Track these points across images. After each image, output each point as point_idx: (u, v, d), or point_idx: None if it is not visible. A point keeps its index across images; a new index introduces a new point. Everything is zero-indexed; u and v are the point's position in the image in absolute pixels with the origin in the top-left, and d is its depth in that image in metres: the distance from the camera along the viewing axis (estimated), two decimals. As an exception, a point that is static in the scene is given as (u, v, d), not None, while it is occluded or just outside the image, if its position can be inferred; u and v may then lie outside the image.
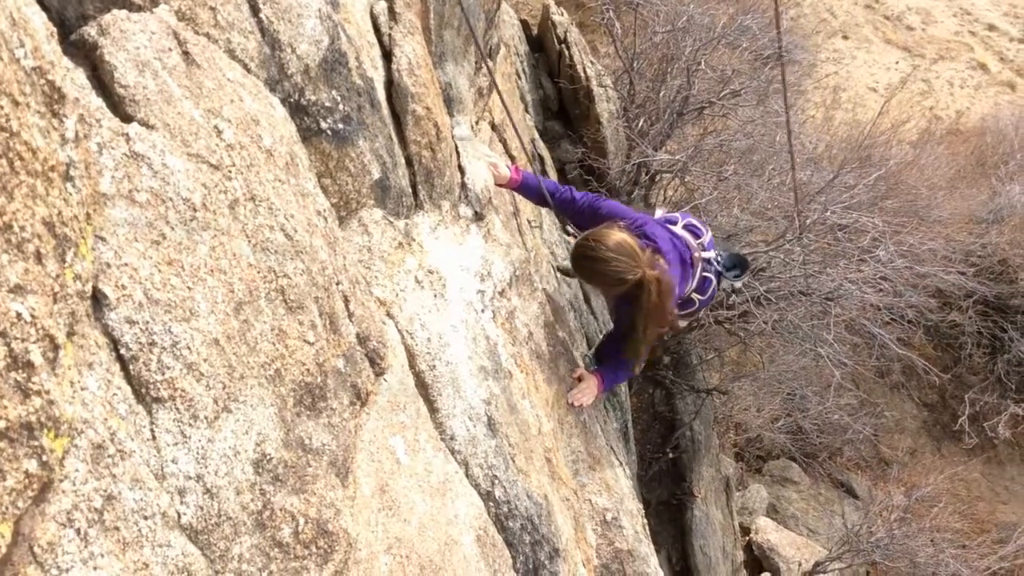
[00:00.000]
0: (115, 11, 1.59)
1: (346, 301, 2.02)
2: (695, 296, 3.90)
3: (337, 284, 1.98)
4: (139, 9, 1.68)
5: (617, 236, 3.31)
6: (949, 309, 12.16)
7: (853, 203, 8.79)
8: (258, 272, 1.57)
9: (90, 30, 1.53)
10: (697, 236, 3.86)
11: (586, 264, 3.37)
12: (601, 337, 4.13)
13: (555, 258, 6.15)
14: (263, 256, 1.61)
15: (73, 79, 1.42)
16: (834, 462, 12.61)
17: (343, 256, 2.15)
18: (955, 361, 13.30)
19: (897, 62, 15.93)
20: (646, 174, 9.44)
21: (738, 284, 4.11)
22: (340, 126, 2.41)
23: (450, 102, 3.78)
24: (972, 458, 13.18)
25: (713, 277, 3.90)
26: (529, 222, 5.47)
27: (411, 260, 2.74)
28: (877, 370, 12.16)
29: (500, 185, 3.87)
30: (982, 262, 11.96)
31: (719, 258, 3.94)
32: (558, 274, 5.38)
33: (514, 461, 2.74)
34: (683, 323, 4.24)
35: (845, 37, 16.16)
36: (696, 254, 3.78)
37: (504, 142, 5.45)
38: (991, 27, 16.69)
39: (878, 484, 12.36)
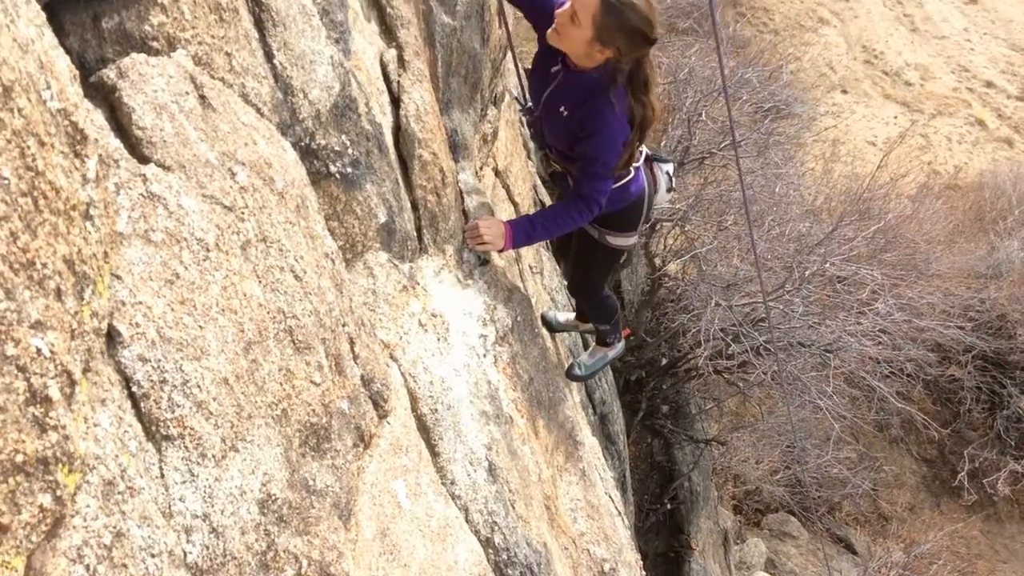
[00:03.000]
0: (134, 55, 1.63)
1: (351, 343, 2.04)
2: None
3: (343, 326, 1.99)
4: (157, 53, 1.71)
5: None
6: (948, 364, 12.15)
7: (852, 255, 8.85)
8: (268, 312, 1.59)
9: (109, 73, 1.56)
10: None
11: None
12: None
13: (555, 304, 6.17)
14: (273, 296, 1.62)
15: (93, 120, 1.45)
16: (833, 516, 12.51)
17: (349, 298, 2.17)
18: (954, 416, 13.26)
19: (896, 117, 16.13)
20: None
21: (668, 168, 3.74)
22: (349, 170, 2.45)
23: (456, 148, 3.83)
24: (971, 515, 13.07)
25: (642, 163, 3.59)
26: (531, 267, 5.50)
27: (415, 304, 2.75)
28: (876, 424, 12.13)
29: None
30: (981, 317, 11.98)
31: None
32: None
33: (514, 507, 2.73)
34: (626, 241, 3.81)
35: (844, 91, 16.39)
36: None
37: (507, 188, 5.50)
38: (989, 84, 16.93)
39: (877, 540, 12.24)
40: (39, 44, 1.13)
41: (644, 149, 3.58)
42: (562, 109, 3.14)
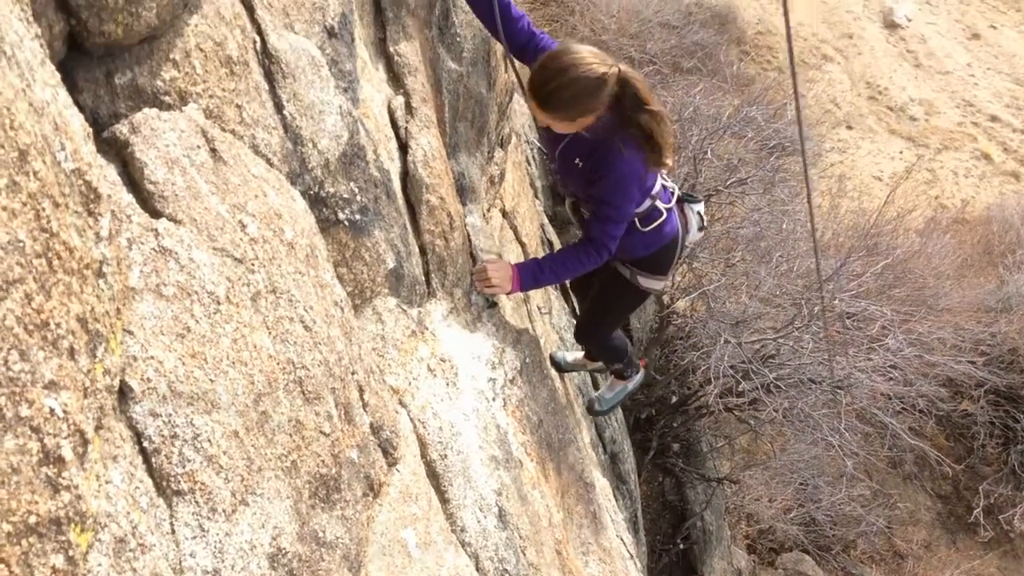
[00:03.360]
0: (146, 110, 1.65)
1: (360, 391, 2.04)
2: (660, 205, 3.45)
3: (352, 374, 2.00)
4: (169, 107, 1.74)
5: (571, 43, 2.90)
6: (960, 399, 12.06)
7: (861, 291, 8.84)
8: (277, 363, 1.59)
9: (122, 128, 1.58)
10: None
11: (549, 80, 2.82)
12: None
13: (564, 344, 6.17)
14: (283, 347, 1.63)
15: (105, 176, 1.47)
16: (848, 555, 12.34)
17: (358, 345, 2.17)
18: (968, 452, 13.13)
19: (901, 152, 16.18)
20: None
21: (699, 208, 3.70)
22: (357, 217, 2.47)
23: (463, 191, 3.86)
24: (988, 552, 12.88)
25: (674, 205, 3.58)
26: (539, 308, 5.50)
27: (424, 348, 2.76)
28: (889, 460, 12.02)
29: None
30: (992, 351, 11.90)
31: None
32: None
33: (525, 554, 2.71)
34: (660, 282, 3.68)
35: (849, 127, 16.47)
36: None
37: (515, 229, 5.52)
38: (994, 118, 17.00)
39: (893, 578, 12.07)
40: (54, 106, 1.15)
41: (676, 190, 3.59)
42: (577, 161, 3.16)
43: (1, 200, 0.93)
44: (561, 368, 4.94)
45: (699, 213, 3.74)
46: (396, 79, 3.11)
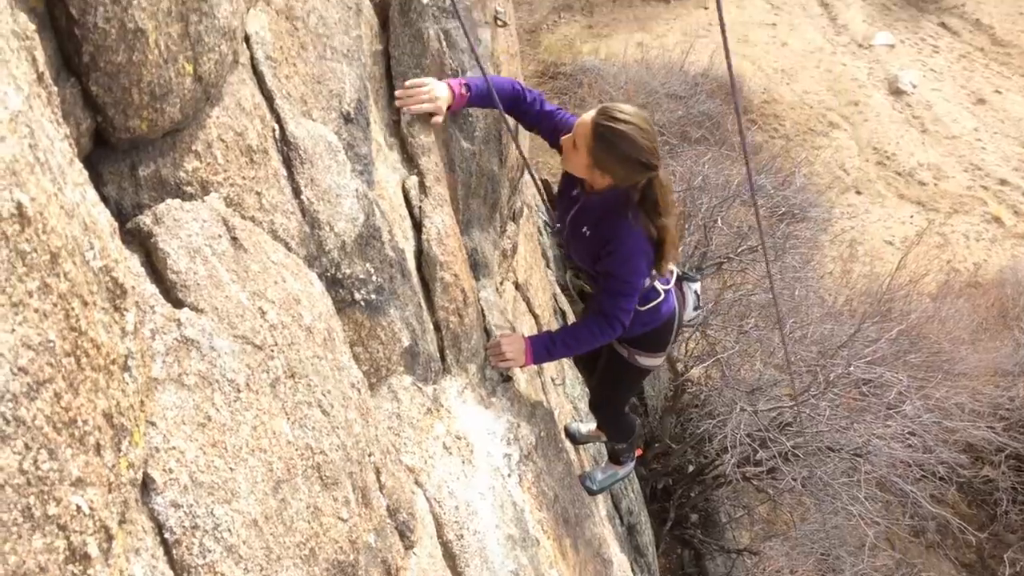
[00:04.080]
0: (169, 200, 1.70)
1: (378, 473, 2.04)
2: (659, 286, 3.52)
3: (369, 456, 2.00)
4: (191, 197, 1.79)
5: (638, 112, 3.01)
6: (981, 464, 11.86)
7: (876, 357, 8.79)
8: (296, 450, 1.61)
9: (145, 219, 1.63)
10: None
11: (612, 128, 2.90)
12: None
13: (578, 413, 6.14)
14: (301, 433, 1.65)
15: (130, 267, 1.51)
16: (873, 627, 12.04)
17: (375, 426, 2.18)
18: (991, 519, 12.86)
19: (912, 216, 16.24)
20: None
21: (696, 287, 3.78)
22: (373, 296, 2.50)
23: (476, 267, 3.90)
24: (1016, 621, 12.54)
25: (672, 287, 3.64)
26: (552, 379, 5.50)
27: (439, 426, 2.76)
28: (911, 529, 11.78)
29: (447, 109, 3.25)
30: (1011, 416, 11.74)
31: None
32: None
33: (543, 634, 2.67)
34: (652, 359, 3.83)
35: (858, 192, 16.56)
36: None
37: (528, 301, 5.55)
38: (1003, 181, 17.07)
39: (920, 652, 11.73)
40: (83, 206, 1.19)
41: (675, 269, 3.64)
42: (584, 230, 3.22)
43: (33, 302, 0.96)
44: (576, 440, 4.92)
45: (696, 292, 3.78)
46: (410, 159, 3.17)
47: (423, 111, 3.12)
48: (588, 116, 3.00)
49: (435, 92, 3.10)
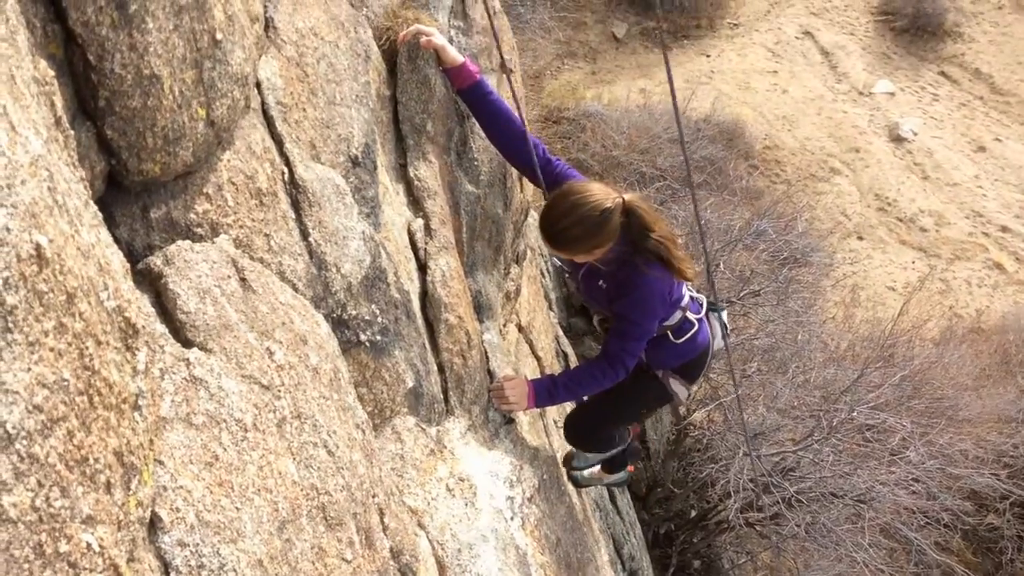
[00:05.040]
0: (179, 242, 1.72)
1: (381, 514, 2.04)
2: (691, 316, 3.52)
3: (373, 497, 2.01)
4: (201, 239, 1.81)
5: (576, 182, 3.09)
6: (986, 512, 11.75)
7: (880, 403, 8.76)
8: (301, 490, 1.61)
9: (156, 260, 1.65)
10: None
11: (556, 221, 2.96)
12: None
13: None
14: (307, 473, 1.65)
15: (140, 307, 1.53)
16: (878, 678, 11.85)
17: (379, 467, 2.19)
18: (996, 567, 12.71)
19: (913, 262, 16.27)
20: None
21: (723, 316, 3.81)
22: (378, 338, 2.52)
23: (480, 308, 3.92)
24: (1025, 673, 12.33)
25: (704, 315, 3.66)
26: (555, 422, 5.49)
27: (443, 468, 2.76)
28: (916, 577, 11.65)
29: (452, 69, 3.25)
30: (1016, 463, 11.66)
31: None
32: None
33: None
34: (687, 388, 3.78)
35: (860, 238, 16.62)
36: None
37: (531, 343, 5.57)
38: (1004, 228, 17.13)
39: None
40: (98, 248, 1.22)
41: (703, 299, 3.66)
42: (600, 283, 3.25)
43: (49, 341, 0.98)
44: (578, 483, 4.89)
45: (723, 322, 3.80)
46: (416, 202, 3.21)
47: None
48: (541, 243, 3.11)
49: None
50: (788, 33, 20.40)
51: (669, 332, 3.44)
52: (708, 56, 19.15)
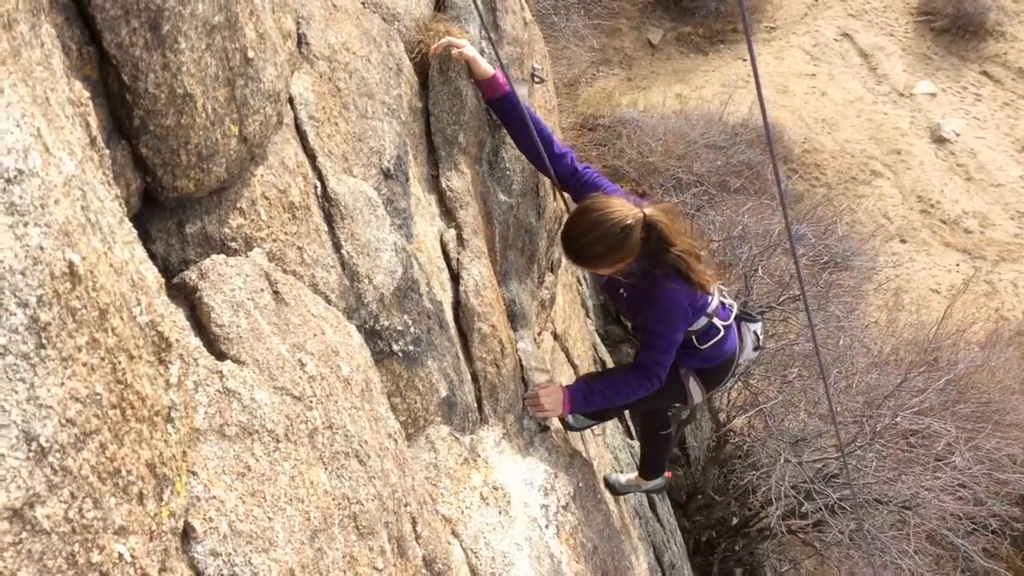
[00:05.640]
0: (213, 256, 1.76)
1: (414, 523, 2.06)
2: (718, 322, 3.49)
3: (406, 506, 2.02)
4: (235, 253, 1.85)
5: (599, 197, 3.08)
6: (1034, 517, 11.52)
7: (924, 408, 8.62)
8: (333, 499, 1.63)
9: (191, 274, 1.69)
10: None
11: (578, 237, 3.01)
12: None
13: (618, 463, 6.10)
14: (338, 483, 1.68)
15: (175, 320, 1.56)
16: None
17: (411, 476, 2.21)
18: (1047, 574, 12.44)
19: (958, 264, 16.00)
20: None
21: (756, 327, 3.76)
22: (411, 348, 2.54)
23: (514, 317, 3.93)
24: None
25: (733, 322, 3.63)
26: (592, 429, 5.48)
27: (476, 476, 2.78)
28: (964, 585, 11.42)
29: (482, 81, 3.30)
30: (1065, 467, 11.43)
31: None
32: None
33: None
34: (702, 391, 3.74)
35: (903, 241, 16.38)
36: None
37: (567, 351, 5.57)
38: (1051, 229, 16.80)
39: None
40: (132, 264, 1.25)
41: (734, 306, 3.64)
42: (621, 291, 3.26)
43: (82, 356, 1.01)
44: (616, 490, 4.88)
45: (755, 332, 3.77)
46: (448, 213, 3.23)
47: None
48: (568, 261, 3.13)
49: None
50: (826, 35, 20.21)
51: (693, 337, 3.43)
52: (744, 60, 19.01)
